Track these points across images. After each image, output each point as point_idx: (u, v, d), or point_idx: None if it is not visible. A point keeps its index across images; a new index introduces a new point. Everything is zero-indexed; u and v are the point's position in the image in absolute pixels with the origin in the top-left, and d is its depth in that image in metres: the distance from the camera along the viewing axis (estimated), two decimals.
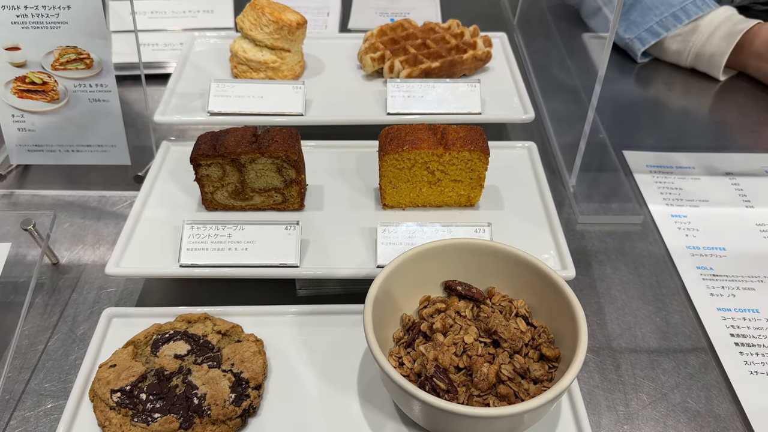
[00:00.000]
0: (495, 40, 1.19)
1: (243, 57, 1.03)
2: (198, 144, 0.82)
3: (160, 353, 0.72)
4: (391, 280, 0.70)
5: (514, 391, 0.64)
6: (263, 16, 1.00)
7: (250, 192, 0.85)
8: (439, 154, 0.83)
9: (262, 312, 0.78)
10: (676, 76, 1.32)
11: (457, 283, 0.74)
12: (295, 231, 0.80)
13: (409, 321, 0.72)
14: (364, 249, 0.83)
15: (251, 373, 0.70)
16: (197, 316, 0.76)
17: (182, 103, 1.02)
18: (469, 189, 0.87)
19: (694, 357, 0.78)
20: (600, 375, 0.76)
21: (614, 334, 0.81)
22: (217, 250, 0.78)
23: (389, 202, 0.88)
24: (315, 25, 1.39)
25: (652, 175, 1.05)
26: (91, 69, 0.92)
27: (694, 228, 0.96)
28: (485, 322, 0.69)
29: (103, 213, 0.98)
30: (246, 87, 0.99)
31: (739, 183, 1.04)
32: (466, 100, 1.01)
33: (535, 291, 0.71)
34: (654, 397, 0.74)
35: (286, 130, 0.83)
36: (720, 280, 0.88)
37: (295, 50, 1.06)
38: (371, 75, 1.10)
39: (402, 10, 1.43)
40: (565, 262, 0.80)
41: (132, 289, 0.87)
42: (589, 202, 0.98)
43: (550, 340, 0.69)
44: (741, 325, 0.82)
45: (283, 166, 0.82)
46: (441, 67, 1.06)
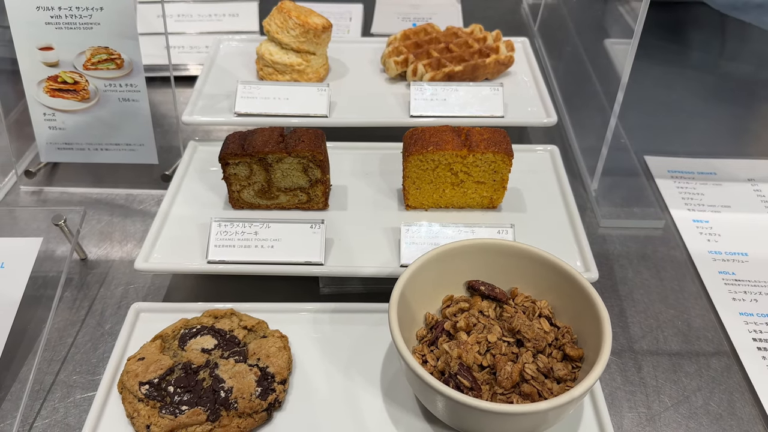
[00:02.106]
0: (517, 44, 1.20)
1: (269, 59, 1.05)
2: (226, 143, 0.83)
3: (188, 347, 0.73)
4: (415, 278, 0.71)
5: (538, 390, 0.64)
6: (290, 20, 1.02)
7: (276, 191, 0.86)
8: (463, 155, 0.84)
9: (286, 309, 0.79)
10: (698, 82, 1.32)
11: (480, 283, 0.74)
12: (320, 230, 0.81)
13: (432, 320, 0.73)
14: (387, 248, 0.84)
15: (277, 368, 0.71)
16: (223, 312, 0.77)
17: (209, 104, 1.04)
18: (492, 191, 0.88)
19: (716, 360, 0.79)
20: (622, 377, 0.77)
21: (636, 337, 0.81)
22: (244, 247, 0.80)
23: (412, 202, 0.89)
24: (337, 29, 1.40)
25: (673, 180, 1.05)
26: (121, 69, 0.94)
27: (716, 233, 0.96)
28: (509, 321, 0.70)
29: (131, 211, 1.00)
30: (272, 89, 1.01)
31: (761, 189, 1.04)
32: (488, 103, 1.02)
33: (558, 292, 0.72)
34: (676, 400, 0.74)
35: (312, 131, 0.84)
36: (742, 284, 0.88)
37: (320, 53, 1.07)
38: (394, 78, 1.12)
39: (424, 16, 1.44)
40: (588, 264, 0.80)
41: (159, 285, 0.88)
42: (611, 206, 0.98)
43: (573, 340, 0.69)
44: (764, 330, 0.82)
45: (309, 165, 0.83)
46: (464, 71, 1.07)
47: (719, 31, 1.54)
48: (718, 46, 1.49)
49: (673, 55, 1.43)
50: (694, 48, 1.46)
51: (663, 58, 1.42)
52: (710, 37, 1.51)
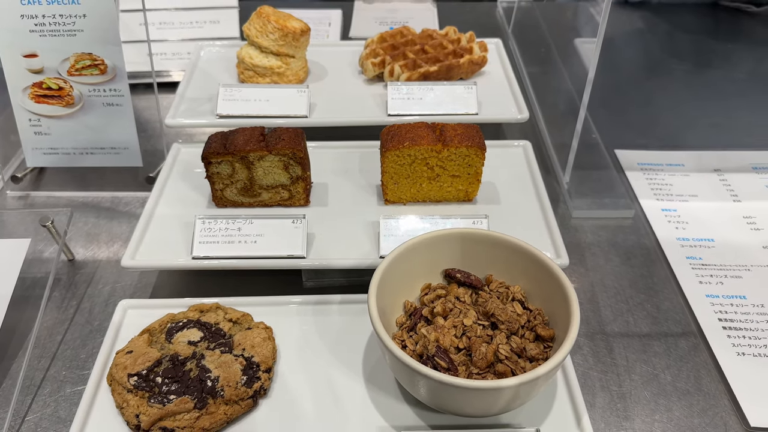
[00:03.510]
0: (490, 45, 1.24)
1: (249, 63, 1.08)
2: (209, 143, 0.86)
3: (174, 340, 0.75)
4: (393, 268, 0.74)
5: (511, 368, 0.67)
6: (269, 24, 1.05)
7: (258, 189, 0.89)
8: (438, 150, 0.87)
9: (270, 302, 0.81)
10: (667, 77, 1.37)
11: (456, 270, 0.77)
12: (302, 224, 0.83)
13: (411, 307, 0.76)
14: (367, 241, 0.87)
15: (262, 357, 0.73)
16: (209, 306, 0.80)
17: (192, 107, 1.07)
18: (467, 184, 0.91)
19: (683, 340, 0.82)
20: (594, 358, 0.80)
21: (607, 320, 0.85)
22: (228, 243, 0.82)
23: (391, 197, 0.92)
24: (317, 34, 1.43)
25: (643, 172, 1.09)
26: (105, 74, 0.97)
27: (683, 221, 1.00)
28: (483, 306, 0.73)
29: (116, 213, 1.02)
30: (252, 91, 1.04)
31: (727, 179, 1.08)
32: (463, 101, 1.05)
33: (530, 277, 0.75)
34: (645, 378, 0.78)
35: (292, 130, 0.87)
36: (709, 269, 0.91)
37: (299, 56, 1.10)
38: (372, 79, 1.15)
39: (401, 19, 1.48)
40: (559, 251, 0.84)
41: (145, 283, 0.90)
42: (583, 198, 1.02)
43: (545, 322, 0.72)
44: (729, 311, 0.85)
45: (289, 163, 0.86)
46: (439, 71, 1.11)
47: (687, 29, 1.59)
48: (686, 43, 1.54)
49: (643, 52, 1.47)
50: (662, 46, 1.51)
51: (633, 55, 1.47)
52: (678, 35, 1.56)
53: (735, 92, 1.33)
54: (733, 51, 1.50)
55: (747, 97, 1.33)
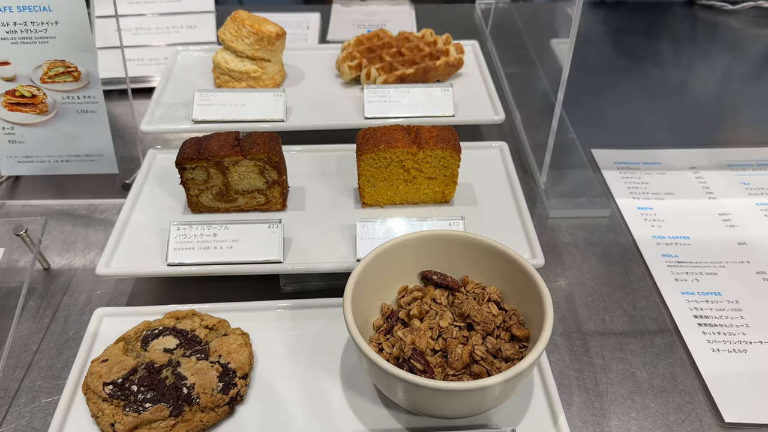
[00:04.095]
0: (467, 47, 1.24)
1: (225, 67, 1.08)
2: (183, 148, 0.86)
3: (150, 348, 0.75)
4: (369, 271, 0.74)
5: (487, 369, 0.67)
6: (244, 28, 1.05)
7: (234, 194, 0.88)
8: (413, 152, 0.87)
9: (247, 308, 0.81)
10: (643, 77, 1.38)
11: (432, 272, 0.78)
12: (278, 229, 0.83)
13: (388, 310, 0.76)
14: (345, 245, 0.87)
15: (238, 364, 0.73)
16: (185, 313, 0.79)
17: (167, 112, 1.06)
18: (443, 186, 0.92)
19: (659, 338, 0.83)
20: (571, 357, 0.80)
21: (584, 319, 0.85)
22: (203, 248, 0.82)
23: (368, 200, 0.92)
24: (295, 38, 1.43)
25: (619, 171, 1.10)
26: (78, 81, 0.96)
27: (659, 219, 1.00)
28: (459, 307, 0.73)
29: (93, 220, 1.02)
30: (228, 95, 1.04)
31: (702, 176, 1.09)
32: (439, 103, 1.06)
33: (506, 277, 0.75)
34: (622, 376, 0.78)
35: (267, 134, 0.87)
36: (684, 266, 0.92)
37: (275, 60, 1.10)
38: (349, 82, 1.15)
39: (378, 22, 1.48)
40: (535, 252, 0.84)
41: (121, 291, 0.90)
42: (560, 198, 1.03)
43: (520, 322, 0.73)
44: (704, 307, 0.86)
45: (265, 167, 0.86)
46: (415, 74, 1.11)
47: (664, 27, 1.60)
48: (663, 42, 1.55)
49: (620, 51, 1.48)
50: (639, 45, 1.52)
51: (610, 54, 1.48)
52: (655, 34, 1.58)
53: (711, 90, 1.35)
54: (709, 49, 1.52)
55: (723, 95, 1.34)
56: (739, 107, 1.30)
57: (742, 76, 1.41)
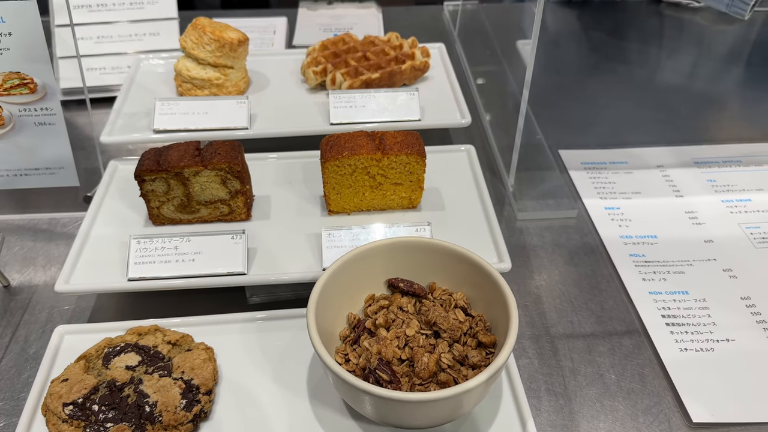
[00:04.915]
0: (433, 50, 1.24)
1: (187, 75, 1.06)
2: (142, 160, 0.84)
3: (112, 365, 0.73)
4: (334, 280, 0.73)
5: (454, 377, 0.67)
6: (204, 35, 1.03)
7: (196, 205, 0.87)
8: (377, 158, 0.86)
9: (212, 321, 0.80)
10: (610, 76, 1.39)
11: (399, 280, 0.77)
12: (242, 240, 0.82)
13: (354, 319, 0.75)
14: (311, 254, 0.85)
15: (201, 380, 0.72)
16: (147, 329, 0.78)
17: (129, 123, 1.04)
18: (409, 191, 0.91)
19: (627, 339, 0.83)
20: (539, 360, 0.80)
21: (552, 322, 0.85)
22: (165, 262, 0.80)
23: (334, 207, 0.91)
24: (262, 42, 1.42)
25: (586, 171, 1.10)
26: (35, 93, 0.94)
27: (627, 218, 1.01)
28: (426, 314, 0.72)
29: (54, 235, 0.99)
30: (190, 104, 1.02)
31: (670, 174, 1.10)
32: (406, 108, 1.05)
33: (472, 283, 0.74)
34: (590, 379, 0.78)
35: (228, 143, 0.86)
36: (652, 265, 0.92)
37: (238, 67, 1.09)
38: (314, 88, 1.14)
39: (345, 26, 1.47)
40: (502, 256, 0.84)
41: (84, 307, 0.88)
42: (528, 200, 1.02)
43: (487, 328, 0.72)
44: (671, 307, 0.86)
45: (227, 177, 0.85)
46: (381, 78, 1.10)
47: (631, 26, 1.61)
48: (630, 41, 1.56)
49: (587, 51, 1.49)
50: (606, 44, 1.53)
51: (577, 54, 1.49)
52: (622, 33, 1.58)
53: (677, 88, 1.36)
54: (676, 47, 1.53)
55: (689, 92, 1.35)
56: (705, 105, 1.31)
57: (708, 74, 1.42)
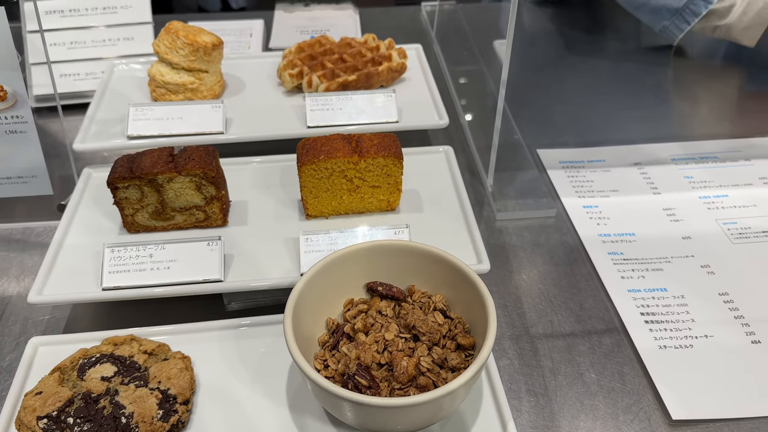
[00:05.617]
0: (410, 51, 1.23)
1: (161, 80, 1.05)
2: (114, 167, 0.83)
3: (87, 377, 0.72)
4: (312, 285, 0.72)
5: (433, 381, 0.66)
6: (178, 39, 1.02)
7: (171, 211, 0.86)
8: (354, 161, 0.86)
9: (188, 329, 0.79)
10: (588, 75, 1.39)
11: (378, 284, 0.76)
12: (218, 246, 0.81)
13: (333, 324, 0.74)
14: (289, 259, 0.85)
15: (178, 389, 0.71)
16: (123, 338, 0.76)
17: (102, 129, 1.03)
18: (388, 194, 0.90)
19: (607, 337, 0.83)
20: (520, 361, 0.80)
21: (532, 322, 0.85)
22: (140, 270, 0.79)
23: (312, 212, 0.91)
24: (238, 46, 1.40)
25: (564, 170, 1.11)
26: (5, 101, 0.92)
27: (605, 217, 1.01)
28: (405, 318, 0.72)
29: (28, 244, 0.98)
30: (165, 109, 1.01)
31: (647, 172, 1.10)
32: (383, 109, 1.04)
33: (450, 285, 0.74)
34: (570, 378, 0.78)
35: (203, 148, 0.85)
36: (630, 263, 0.93)
37: (213, 71, 1.08)
38: (291, 91, 1.13)
39: (322, 28, 1.46)
40: (481, 257, 0.83)
41: (59, 318, 0.86)
42: (507, 200, 1.02)
43: (465, 330, 0.72)
44: (650, 304, 0.86)
45: (201, 183, 0.84)
46: (358, 80, 1.10)
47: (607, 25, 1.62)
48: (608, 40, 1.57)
49: (564, 50, 1.49)
50: (583, 43, 1.53)
51: (555, 54, 1.49)
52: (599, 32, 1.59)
53: (653, 86, 1.36)
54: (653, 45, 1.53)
55: (665, 90, 1.36)
56: (681, 102, 1.32)
57: (685, 72, 1.43)
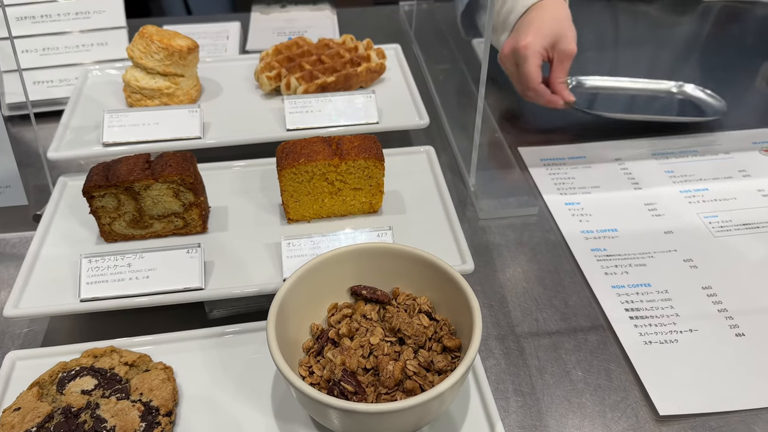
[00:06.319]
0: (389, 51, 1.23)
1: (136, 86, 1.03)
2: (90, 175, 0.81)
3: (67, 391, 0.70)
4: (295, 291, 0.71)
5: (420, 384, 0.65)
6: (152, 44, 1.00)
7: (149, 219, 0.84)
8: (335, 164, 0.85)
9: (170, 339, 0.77)
10: None
11: (362, 287, 0.75)
12: (197, 253, 0.80)
13: (317, 330, 0.73)
14: (271, 264, 0.84)
15: (161, 401, 0.69)
16: (103, 350, 0.75)
17: (77, 137, 1.01)
18: (370, 196, 0.90)
19: (593, 334, 0.83)
20: (506, 361, 0.80)
21: (517, 320, 0.84)
22: (118, 281, 0.77)
23: (293, 215, 0.90)
24: (215, 48, 1.39)
25: (546, 167, 1.10)
26: None
27: (587, 213, 1.01)
28: (390, 321, 0.71)
29: (3, 256, 0.95)
30: (140, 115, 0.99)
31: (628, 167, 1.10)
32: (363, 111, 1.04)
33: (435, 287, 0.74)
34: (557, 377, 0.78)
35: (180, 154, 0.83)
36: (613, 259, 0.93)
37: (189, 75, 1.06)
38: (269, 93, 1.12)
39: (299, 29, 1.45)
40: (465, 257, 0.83)
41: (37, 330, 0.84)
42: (489, 199, 1.02)
43: (451, 331, 0.71)
44: (635, 300, 0.87)
45: (179, 190, 0.82)
46: (337, 81, 1.09)
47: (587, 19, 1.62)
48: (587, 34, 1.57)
49: None
50: None
51: None
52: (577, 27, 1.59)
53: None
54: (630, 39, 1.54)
55: None
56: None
57: (662, 65, 1.44)
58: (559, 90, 1.11)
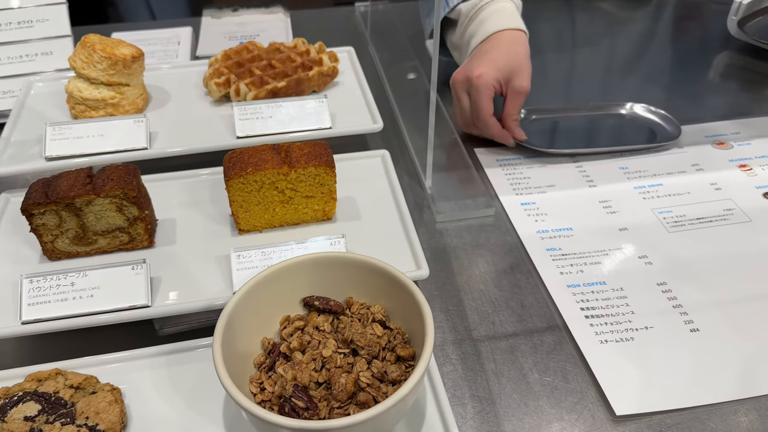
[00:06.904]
0: (342, 54, 1.21)
1: (79, 96, 1.00)
2: (29, 192, 0.78)
3: (8, 418, 0.68)
4: (244, 305, 0.69)
5: (374, 396, 0.64)
6: (95, 53, 0.97)
7: (93, 235, 0.82)
8: (284, 172, 0.83)
9: (118, 359, 0.75)
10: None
11: (314, 298, 0.74)
12: (143, 270, 0.77)
13: (269, 344, 0.72)
14: (221, 278, 0.82)
15: (107, 424, 0.67)
16: (48, 373, 0.72)
17: (19, 151, 0.97)
18: (322, 203, 0.88)
19: (549, 335, 0.82)
20: (463, 366, 0.79)
21: (474, 324, 0.84)
22: (61, 300, 0.75)
23: (244, 226, 0.88)
24: (166, 55, 1.36)
25: (501, 168, 1.10)
26: None
27: (542, 213, 1.01)
28: (342, 332, 0.70)
29: None
30: (84, 127, 0.96)
31: (582, 165, 1.11)
32: (315, 116, 1.02)
33: (389, 295, 0.72)
34: (514, 381, 0.77)
35: (122, 167, 0.81)
36: (569, 258, 0.93)
37: (134, 84, 1.03)
38: (219, 101, 1.09)
39: (251, 33, 1.42)
40: (420, 262, 0.82)
41: None
42: (446, 201, 1.01)
43: (405, 340, 0.70)
44: (590, 299, 0.87)
45: (122, 204, 0.80)
46: (288, 86, 1.07)
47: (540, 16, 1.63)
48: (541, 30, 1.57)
49: None
50: None
51: None
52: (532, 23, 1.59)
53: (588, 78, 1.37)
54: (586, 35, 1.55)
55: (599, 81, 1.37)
56: (615, 92, 1.33)
57: (617, 61, 1.45)
58: (511, 127, 1.10)
